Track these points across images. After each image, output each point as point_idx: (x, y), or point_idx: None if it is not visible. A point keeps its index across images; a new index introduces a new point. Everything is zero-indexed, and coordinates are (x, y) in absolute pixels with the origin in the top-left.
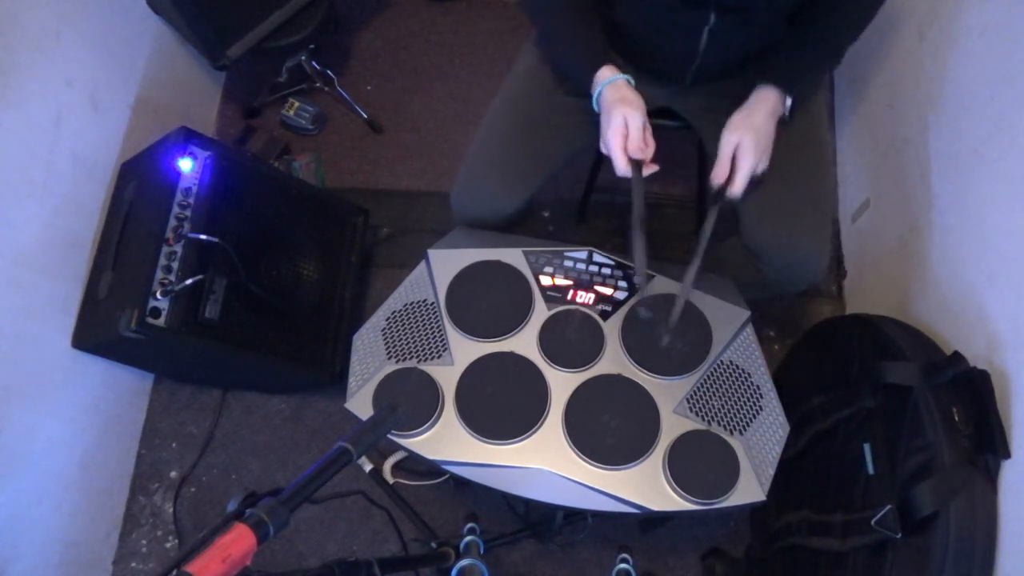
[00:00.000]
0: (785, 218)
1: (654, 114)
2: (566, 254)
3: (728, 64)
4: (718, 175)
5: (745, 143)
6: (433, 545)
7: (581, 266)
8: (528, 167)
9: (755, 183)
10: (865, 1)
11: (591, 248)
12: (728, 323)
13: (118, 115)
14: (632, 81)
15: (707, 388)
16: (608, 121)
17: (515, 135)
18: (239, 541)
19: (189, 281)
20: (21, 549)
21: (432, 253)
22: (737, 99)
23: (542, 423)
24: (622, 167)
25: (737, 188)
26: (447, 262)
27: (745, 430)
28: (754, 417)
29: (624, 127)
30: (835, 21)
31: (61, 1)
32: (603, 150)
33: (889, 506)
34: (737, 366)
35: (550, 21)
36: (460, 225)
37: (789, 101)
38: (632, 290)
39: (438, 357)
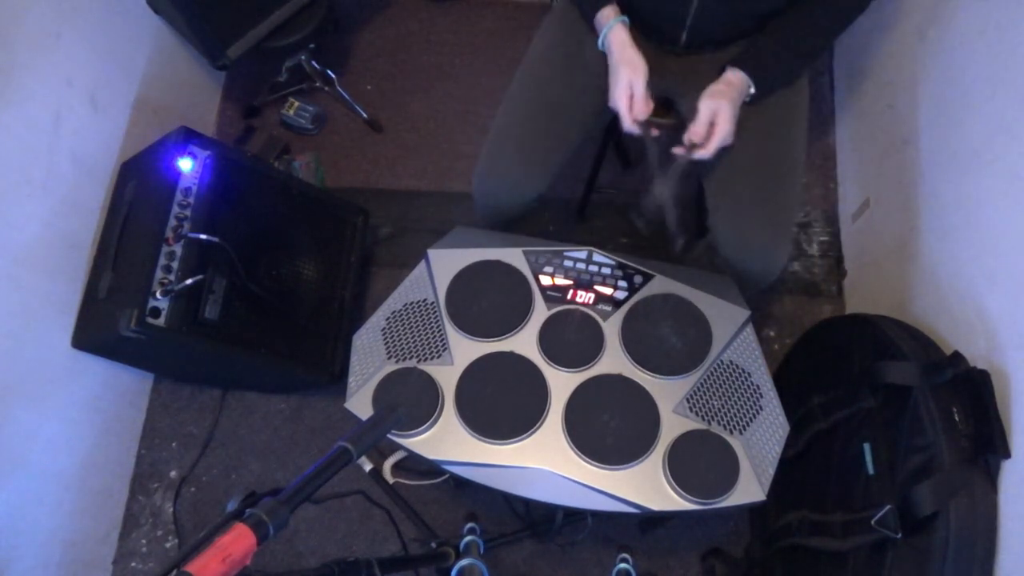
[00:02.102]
0: (746, 216)
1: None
2: (566, 254)
3: (722, 23)
4: (695, 133)
5: (724, 111)
6: (433, 545)
7: (581, 266)
8: (549, 150)
9: (723, 151)
10: (841, 6)
11: (591, 248)
12: (728, 323)
13: (118, 115)
14: (627, 22)
15: (707, 388)
16: (615, 81)
17: (535, 119)
18: (239, 541)
19: (189, 281)
20: (21, 549)
21: (432, 253)
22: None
23: (542, 423)
24: (628, 124)
25: (711, 149)
26: (447, 262)
27: (745, 430)
28: (754, 417)
29: (629, 90)
30: (810, 23)
31: (61, 1)
32: (611, 106)
33: (889, 506)
34: (737, 366)
35: None
36: (480, 213)
37: (753, 88)
38: (632, 289)
39: (438, 357)
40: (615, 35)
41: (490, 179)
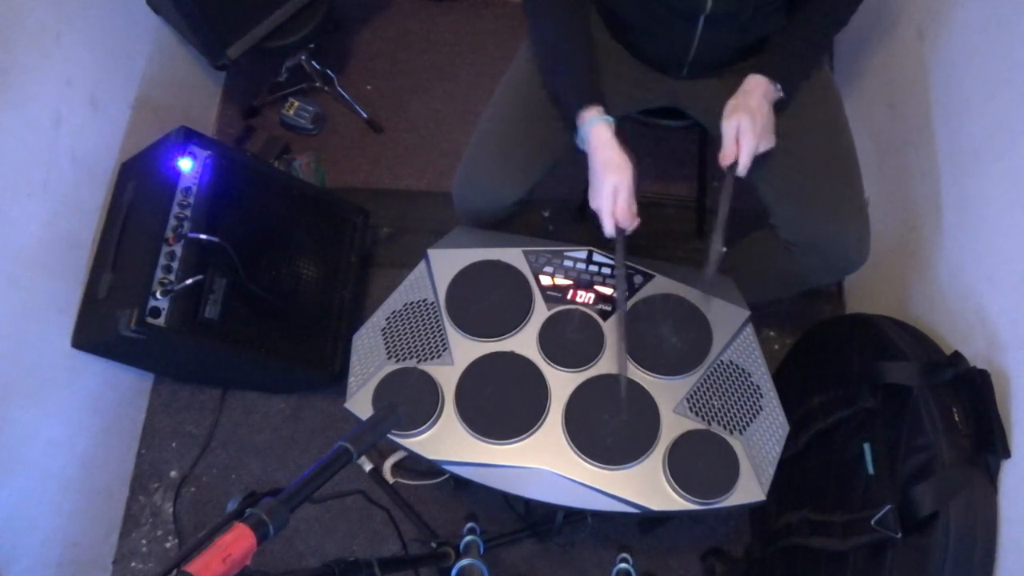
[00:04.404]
0: (824, 207)
1: (657, 113)
2: (566, 254)
3: (723, 55)
4: (726, 156)
5: (743, 125)
6: (433, 545)
7: (581, 266)
8: (529, 157)
9: (762, 159)
10: None
11: (591, 248)
12: (728, 323)
13: (118, 115)
14: (613, 122)
15: (707, 388)
16: (599, 186)
17: (517, 124)
18: (239, 541)
19: (189, 281)
20: (21, 549)
21: (432, 253)
22: (739, 81)
23: (542, 423)
24: (609, 230)
25: (742, 166)
26: (447, 262)
27: (745, 430)
28: (754, 417)
29: (613, 196)
30: (818, 14)
31: (61, 1)
32: (592, 207)
33: (889, 506)
34: (737, 366)
35: (545, 43)
36: (461, 216)
37: (779, 86)
38: (632, 289)
39: (438, 357)
40: (597, 134)
41: (468, 184)
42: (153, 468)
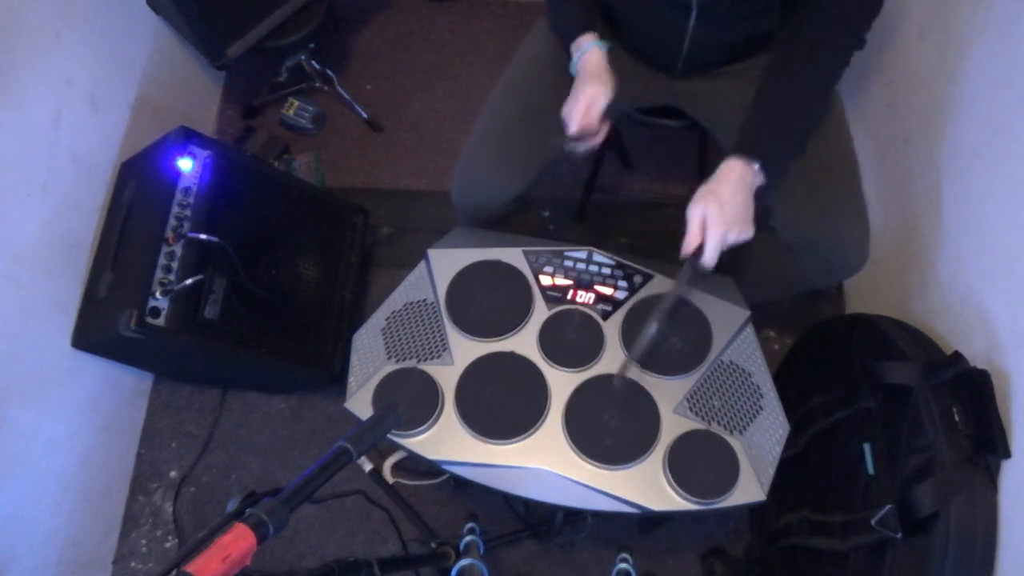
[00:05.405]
0: (824, 208)
1: (656, 113)
2: (566, 254)
3: (717, 52)
4: (688, 244)
5: (711, 214)
6: (433, 545)
7: (581, 266)
8: (528, 153)
9: (736, 251)
10: (829, 61)
11: (591, 248)
12: (728, 323)
13: (118, 115)
14: (607, 47)
15: (707, 388)
16: (576, 95)
17: (516, 122)
18: (239, 541)
19: (189, 281)
20: (21, 549)
21: (432, 253)
22: (737, 83)
23: (542, 423)
24: (574, 131)
25: (707, 259)
26: (447, 262)
27: (745, 430)
28: (754, 417)
29: (587, 104)
30: (800, 80)
31: (61, 1)
32: (562, 113)
33: (889, 506)
34: (737, 366)
35: None
36: (459, 213)
37: (757, 166)
38: (632, 289)
39: (438, 357)
40: (590, 56)
41: (467, 180)
42: (153, 468)
